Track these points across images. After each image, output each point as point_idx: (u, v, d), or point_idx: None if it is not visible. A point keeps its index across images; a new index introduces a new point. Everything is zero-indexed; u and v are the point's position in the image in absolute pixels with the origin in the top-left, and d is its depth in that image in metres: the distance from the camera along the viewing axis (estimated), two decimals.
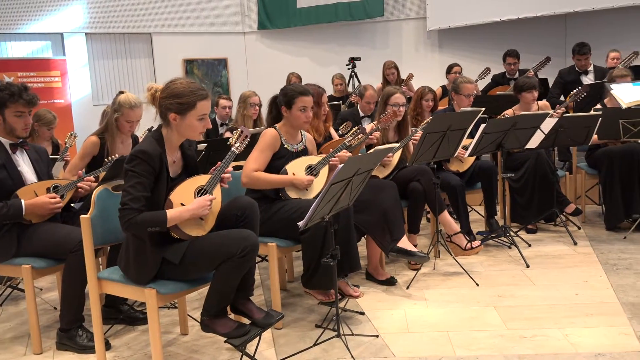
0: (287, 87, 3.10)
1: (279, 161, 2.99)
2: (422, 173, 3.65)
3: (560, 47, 7.87)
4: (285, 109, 3.05)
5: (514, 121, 3.77)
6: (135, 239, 2.33)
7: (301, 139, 3.17)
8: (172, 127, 2.36)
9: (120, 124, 3.26)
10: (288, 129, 3.09)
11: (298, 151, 3.11)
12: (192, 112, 2.32)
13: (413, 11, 8.45)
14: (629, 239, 4.14)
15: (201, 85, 2.43)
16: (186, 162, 2.50)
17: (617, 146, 4.38)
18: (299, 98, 3.00)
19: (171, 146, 2.41)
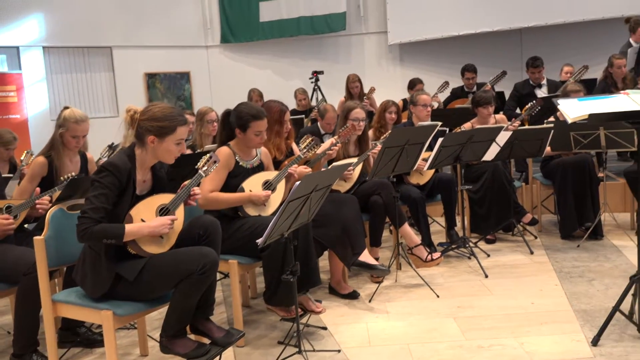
0: (241, 109, 3.05)
1: (235, 179, 2.98)
2: (382, 187, 3.70)
3: (516, 60, 8.14)
4: (239, 131, 3.03)
5: (470, 134, 3.87)
6: (91, 251, 2.32)
7: (256, 154, 3.16)
8: (147, 148, 2.38)
9: (65, 139, 3.16)
10: (242, 147, 3.09)
11: (254, 167, 3.11)
12: (170, 137, 2.35)
13: (374, 26, 8.60)
14: (582, 247, 4.28)
15: (162, 100, 2.45)
16: (156, 183, 2.50)
17: (570, 157, 4.54)
18: (253, 122, 2.98)
19: (142, 166, 2.42)
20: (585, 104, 2.68)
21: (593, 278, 3.57)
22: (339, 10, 8.33)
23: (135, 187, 2.36)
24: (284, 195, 3.07)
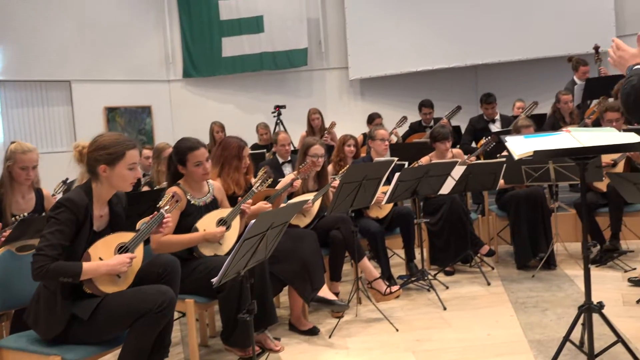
0: (177, 145, 3.07)
1: (188, 218, 2.96)
2: (341, 221, 3.74)
3: (472, 95, 8.42)
4: (181, 167, 3.02)
5: (426, 169, 3.98)
6: (46, 290, 2.27)
7: (208, 190, 3.15)
8: (101, 180, 2.37)
9: (15, 173, 3.09)
10: (190, 183, 3.07)
11: (207, 204, 3.09)
12: (121, 162, 2.35)
13: (336, 61, 8.80)
14: (536, 277, 4.40)
15: (125, 134, 2.47)
16: (113, 218, 2.48)
17: (523, 190, 4.71)
18: (190, 154, 2.98)
19: (100, 200, 2.40)
20: (531, 141, 2.79)
21: (546, 308, 3.67)
22: (300, 46, 8.50)
23: (92, 223, 2.34)
24: (239, 231, 3.06)
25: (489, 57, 8.05)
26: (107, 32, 8.33)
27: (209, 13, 8.60)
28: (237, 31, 8.55)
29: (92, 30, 8.22)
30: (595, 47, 6.04)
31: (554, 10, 7.72)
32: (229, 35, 8.59)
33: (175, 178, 3.09)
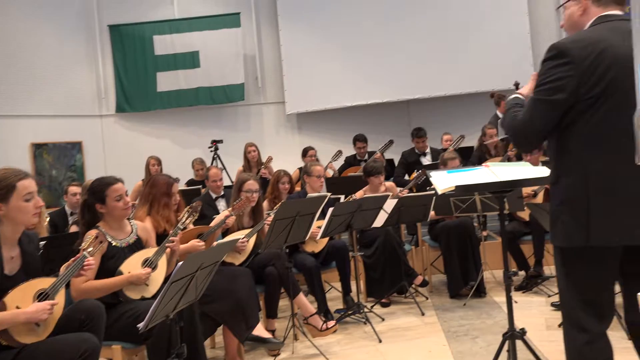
0: (93, 184, 2.98)
1: (111, 261, 2.84)
2: (276, 257, 3.74)
3: (405, 129, 8.70)
4: (100, 206, 2.91)
5: (359, 203, 4.07)
6: None
7: (131, 230, 3.05)
8: (1, 218, 2.27)
9: None
10: (111, 224, 2.95)
11: (130, 244, 2.97)
12: (14, 195, 2.26)
13: (273, 96, 8.91)
14: (468, 305, 4.54)
15: (50, 171, 2.39)
16: (25, 259, 2.36)
17: (453, 220, 4.89)
18: (110, 188, 2.89)
19: (7, 241, 2.28)
20: (453, 176, 2.93)
21: (477, 336, 3.78)
22: (237, 81, 8.56)
23: (2, 268, 2.22)
24: (167, 270, 2.98)
25: (420, 93, 8.41)
26: (35, 65, 8.07)
27: (143, 48, 8.52)
28: (173, 66, 8.51)
29: (17, 64, 7.94)
30: (515, 83, 6.36)
31: (479, 49, 8.22)
32: (164, 70, 8.53)
33: (90, 226, 2.92)
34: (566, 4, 2.02)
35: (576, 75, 1.80)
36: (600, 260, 1.89)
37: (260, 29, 8.83)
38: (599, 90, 1.79)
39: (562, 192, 1.91)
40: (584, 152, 1.85)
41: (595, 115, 1.82)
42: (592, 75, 1.79)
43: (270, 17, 8.79)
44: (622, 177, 1.81)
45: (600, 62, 1.78)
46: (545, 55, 1.91)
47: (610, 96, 1.79)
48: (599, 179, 1.83)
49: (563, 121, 1.88)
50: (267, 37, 8.85)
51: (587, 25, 1.94)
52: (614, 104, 1.79)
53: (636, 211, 1.81)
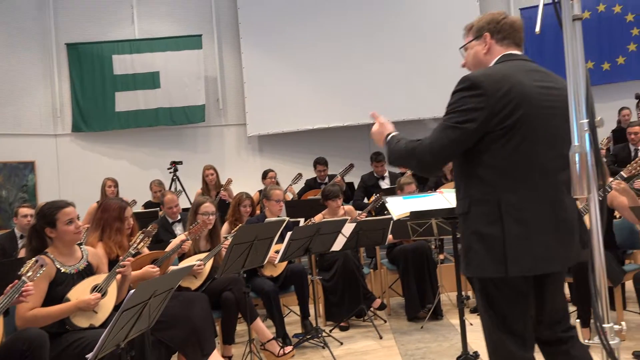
0: (42, 208, 2.91)
1: (59, 288, 2.75)
2: (233, 282, 3.71)
3: (365, 153, 8.80)
4: (50, 230, 2.83)
5: (317, 227, 4.08)
6: None
7: (81, 256, 2.97)
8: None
9: None
10: (60, 249, 2.87)
11: (79, 271, 2.90)
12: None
13: (234, 118, 8.89)
14: (425, 328, 4.59)
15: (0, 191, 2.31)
16: None
17: (410, 244, 4.96)
18: (60, 212, 2.83)
19: None
20: (409, 202, 3.00)
21: (433, 359, 3.82)
22: (198, 102, 8.51)
23: None
24: (117, 297, 2.90)
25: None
26: None
27: (101, 67, 8.38)
28: (132, 86, 8.40)
29: None
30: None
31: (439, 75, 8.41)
32: (123, 89, 8.40)
33: (36, 253, 2.81)
34: (469, 44, 2.11)
35: (487, 107, 1.83)
36: (519, 289, 1.89)
37: (222, 51, 8.85)
38: (510, 123, 1.83)
39: (475, 222, 1.90)
40: (496, 183, 1.86)
41: (506, 147, 1.84)
42: (504, 108, 1.83)
43: (232, 39, 8.82)
44: (533, 208, 1.83)
45: (512, 97, 1.83)
46: (457, 87, 1.94)
47: (519, 130, 1.83)
48: (512, 210, 1.83)
49: (472, 150, 1.89)
50: (229, 59, 8.87)
51: (492, 63, 2.02)
52: (524, 137, 1.83)
53: (548, 240, 1.84)
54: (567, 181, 1.70)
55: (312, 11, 8.58)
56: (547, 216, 1.84)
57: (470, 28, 2.13)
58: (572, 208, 1.91)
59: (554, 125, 1.84)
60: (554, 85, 1.91)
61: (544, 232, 1.83)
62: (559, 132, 1.80)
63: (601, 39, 8.28)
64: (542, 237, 1.83)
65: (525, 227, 1.82)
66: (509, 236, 1.82)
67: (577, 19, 1.36)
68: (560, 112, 1.76)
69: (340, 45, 8.52)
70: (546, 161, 1.85)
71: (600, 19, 8.27)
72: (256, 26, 8.65)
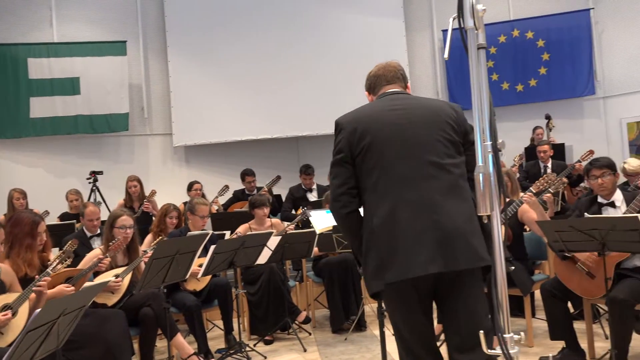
0: None
1: None
2: (153, 297, 3.59)
3: (294, 165, 8.84)
4: None
5: (242, 241, 4.04)
6: None
7: None
8: None
9: None
10: None
11: None
12: None
13: (159, 127, 8.64)
14: (349, 339, 4.65)
15: None
16: None
17: (336, 256, 5.02)
18: None
19: None
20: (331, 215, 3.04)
21: None
22: (121, 110, 8.20)
23: None
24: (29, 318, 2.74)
25: (308, 130, 8.63)
26: None
27: (15, 70, 7.88)
28: (49, 92, 7.95)
29: None
30: None
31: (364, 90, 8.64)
32: (39, 95, 7.93)
33: None
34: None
35: (346, 138, 2.17)
36: (403, 297, 2.07)
37: (147, 59, 8.60)
38: (362, 148, 2.13)
39: (364, 240, 2.15)
40: (367, 201, 2.15)
41: (366, 169, 2.13)
42: (356, 140, 2.15)
43: (158, 47, 8.60)
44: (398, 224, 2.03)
45: (359, 129, 2.15)
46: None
47: (371, 153, 2.12)
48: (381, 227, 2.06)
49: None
50: (155, 67, 8.63)
51: None
52: (377, 158, 2.11)
53: (415, 248, 2.00)
54: (445, 187, 2.04)
55: (241, 22, 8.53)
56: (409, 230, 2.01)
57: None
58: (451, 212, 2.03)
59: (409, 137, 2.10)
60: (402, 107, 2.18)
61: (410, 242, 2.00)
62: (419, 140, 2.09)
63: (516, 62, 8.84)
64: (412, 247, 1.99)
65: (395, 241, 2.02)
66: (383, 249, 2.05)
67: (481, 47, 1.45)
68: (410, 126, 2.10)
69: (269, 57, 8.53)
70: (408, 171, 2.07)
71: (515, 43, 8.83)
72: (184, 34, 8.50)
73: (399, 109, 2.18)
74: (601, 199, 3.63)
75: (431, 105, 2.24)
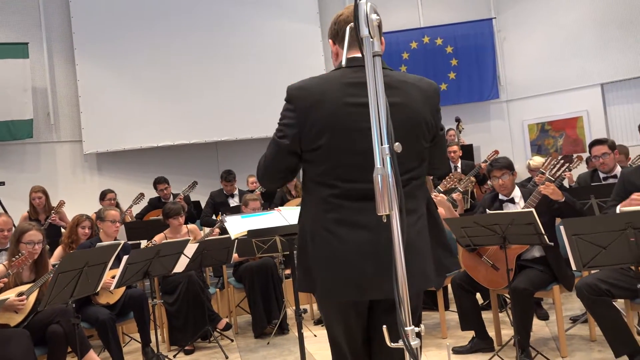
0: None
1: None
2: (61, 314, 3.41)
3: (214, 170, 8.73)
4: None
5: (157, 249, 3.93)
6: None
7: None
8: None
9: None
10: None
11: None
12: None
13: (68, 134, 8.19)
14: (271, 343, 4.65)
15: None
16: None
17: (256, 261, 5.01)
18: None
19: None
20: (246, 221, 3.04)
21: None
22: (24, 117, 7.69)
23: None
24: None
25: (226, 135, 8.54)
26: None
27: None
28: None
29: None
30: None
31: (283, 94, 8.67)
32: None
33: None
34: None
35: (297, 125, 1.77)
36: (341, 312, 1.86)
37: (53, 62, 8.12)
38: (315, 147, 1.76)
39: (299, 238, 1.89)
40: (312, 203, 1.83)
41: (316, 168, 1.79)
42: (310, 130, 1.76)
43: (65, 49, 8.15)
44: (341, 233, 1.75)
45: (317, 117, 1.75)
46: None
47: (326, 155, 1.76)
48: (320, 232, 1.78)
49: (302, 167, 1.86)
50: (62, 70, 8.17)
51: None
52: (333, 163, 1.77)
53: (352, 269, 1.74)
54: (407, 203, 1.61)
55: (153, 23, 8.28)
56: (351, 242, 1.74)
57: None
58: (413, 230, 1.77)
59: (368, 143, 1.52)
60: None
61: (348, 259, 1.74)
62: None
63: (427, 67, 9.24)
64: (346, 264, 1.74)
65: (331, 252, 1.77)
66: (314, 259, 1.80)
67: (376, 55, 1.51)
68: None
69: (186, 60, 8.34)
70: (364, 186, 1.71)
71: (426, 49, 9.23)
72: (92, 37, 8.11)
73: (359, 103, 1.71)
74: (502, 196, 3.88)
75: (413, 104, 1.79)
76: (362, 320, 1.88)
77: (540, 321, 4.48)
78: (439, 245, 1.91)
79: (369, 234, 1.74)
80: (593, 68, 8.24)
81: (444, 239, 1.95)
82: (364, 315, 1.89)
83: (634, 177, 3.14)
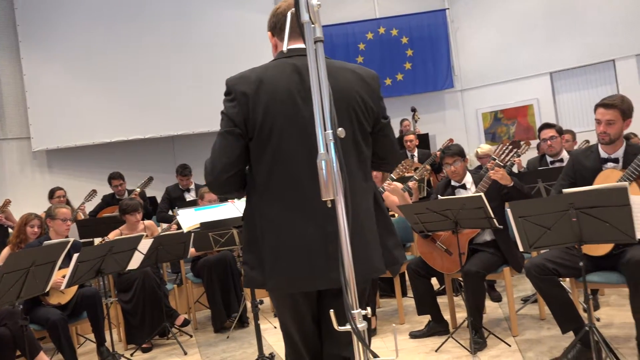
0: None
1: None
2: (8, 316, 3.30)
3: (170, 165, 8.54)
4: None
5: (110, 246, 3.84)
6: None
7: None
8: None
9: None
10: None
11: None
12: None
13: (15, 131, 7.88)
14: (231, 337, 4.62)
15: None
16: None
17: (214, 255, 4.96)
18: None
19: None
20: (200, 213, 3.01)
21: None
22: None
23: None
24: None
25: (183, 129, 8.40)
26: None
27: None
28: None
29: None
30: None
31: None
32: None
33: None
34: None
35: (241, 113, 1.75)
36: (291, 302, 1.87)
37: None
38: (260, 136, 1.75)
39: (245, 232, 1.86)
40: (258, 195, 1.79)
41: (262, 160, 1.77)
42: (254, 119, 1.74)
43: (9, 43, 7.81)
44: (288, 225, 1.74)
45: (259, 101, 1.73)
46: None
47: (269, 146, 1.74)
48: (268, 225, 1.77)
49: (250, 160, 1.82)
50: (6, 65, 7.82)
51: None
52: (277, 156, 1.75)
53: (300, 260, 1.74)
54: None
55: (103, 14, 8.01)
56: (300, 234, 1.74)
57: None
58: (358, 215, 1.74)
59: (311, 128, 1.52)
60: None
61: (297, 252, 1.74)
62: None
63: (383, 57, 9.32)
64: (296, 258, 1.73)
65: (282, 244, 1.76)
66: (265, 252, 1.78)
67: (318, 40, 1.51)
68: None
69: (139, 52, 8.11)
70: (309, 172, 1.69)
71: (382, 40, 9.30)
72: (39, 29, 7.80)
73: (304, 96, 1.71)
74: (454, 182, 3.96)
75: (342, 85, 1.76)
76: (311, 308, 1.89)
77: (493, 303, 4.61)
78: (389, 235, 1.91)
79: (314, 223, 1.73)
80: (542, 57, 8.49)
81: (392, 228, 1.95)
82: (314, 302, 1.90)
83: (582, 157, 3.26)
